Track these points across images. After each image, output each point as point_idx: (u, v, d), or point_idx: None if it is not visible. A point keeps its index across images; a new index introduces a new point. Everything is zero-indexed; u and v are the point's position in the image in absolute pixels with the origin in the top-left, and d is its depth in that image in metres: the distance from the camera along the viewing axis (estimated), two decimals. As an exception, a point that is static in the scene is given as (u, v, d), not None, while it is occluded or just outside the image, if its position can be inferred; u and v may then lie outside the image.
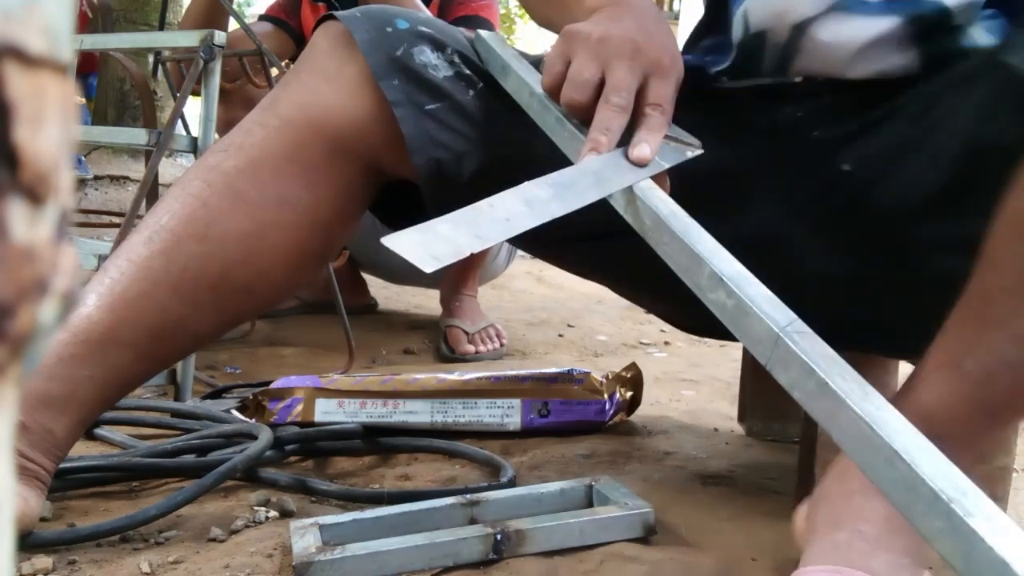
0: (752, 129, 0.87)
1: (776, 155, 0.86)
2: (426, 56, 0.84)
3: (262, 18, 1.97)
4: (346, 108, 0.82)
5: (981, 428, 0.63)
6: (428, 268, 0.54)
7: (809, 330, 0.51)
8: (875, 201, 0.80)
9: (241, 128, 0.84)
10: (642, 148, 0.68)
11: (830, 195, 0.83)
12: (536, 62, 0.85)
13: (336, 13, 0.86)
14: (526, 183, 0.62)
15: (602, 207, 0.67)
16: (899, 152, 0.78)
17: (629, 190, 0.65)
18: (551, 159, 0.81)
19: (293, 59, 1.99)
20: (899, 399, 0.64)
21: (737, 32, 0.86)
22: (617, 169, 0.66)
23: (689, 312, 0.96)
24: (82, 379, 0.76)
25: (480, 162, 0.84)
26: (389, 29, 0.84)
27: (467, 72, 0.85)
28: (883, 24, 0.78)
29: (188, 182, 0.83)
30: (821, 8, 0.79)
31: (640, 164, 0.67)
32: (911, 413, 0.64)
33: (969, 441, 0.63)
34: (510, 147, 0.83)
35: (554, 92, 0.74)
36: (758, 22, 0.83)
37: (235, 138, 0.84)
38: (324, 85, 0.83)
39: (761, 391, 1.17)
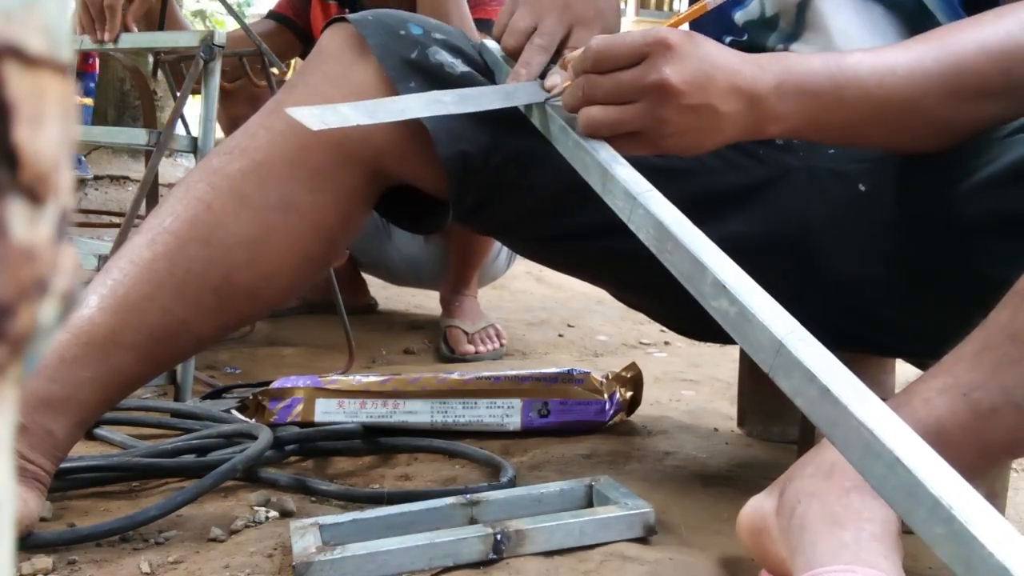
0: (770, 143, 0.89)
1: (791, 170, 0.87)
2: (441, 56, 0.85)
3: (269, 15, 1.96)
4: None
5: (971, 460, 0.63)
6: (314, 127, 0.64)
7: (811, 337, 0.52)
8: (887, 217, 0.81)
9: (246, 131, 0.84)
10: (552, 78, 0.77)
11: (845, 211, 0.84)
12: None
13: (347, 16, 0.86)
14: (435, 91, 0.73)
15: (604, 207, 0.68)
16: (914, 184, 0.79)
17: (632, 198, 0.65)
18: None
19: (303, 56, 1.97)
20: (896, 410, 0.65)
21: (753, 13, 0.91)
22: (528, 91, 0.78)
23: (686, 314, 0.97)
24: (83, 381, 0.75)
25: (505, 154, 0.85)
26: (402, 32, 0.85)
27: (477, 72, 0.85)
28: (874, 11, 0.86)
29: (192, 184, 0.82)
30: None
31: (550, 91, 0.77)
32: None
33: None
34: (534, 140, 0.84)
35: (497, 39, 0.84)
36: (773, 5, 0.89)
37: (239, 141, 0.84)
38: (331, 89, 0.83)
39: (759, 395, 1.17)
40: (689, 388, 1.47)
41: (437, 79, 0.83)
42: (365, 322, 1.88)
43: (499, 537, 0.74)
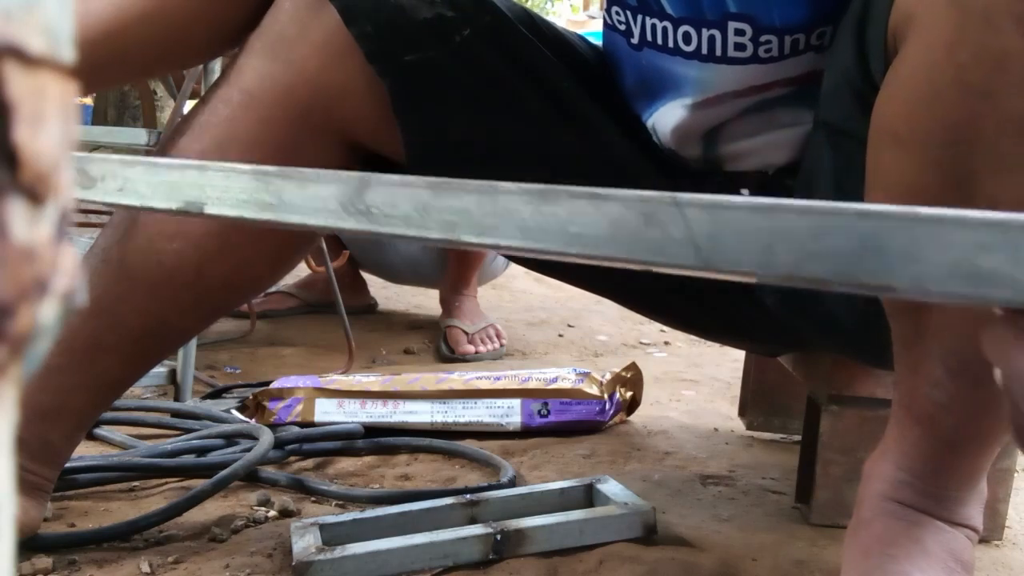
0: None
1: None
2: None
3: None
4: (314, 79, 0.74)
5: (951, 463, 0.64)
6: None
7: None
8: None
9: (206, 103, 0.77)
10: None
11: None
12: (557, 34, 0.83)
13: None
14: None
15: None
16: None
17: None
18: (540, 119, 0.78)
19: None
20: (886, 434, 0.67)
21: (654, 138, 0.83)
22: None
23: (679, 311, 0.95)
24: (72, 388, 0.74)
25: (466, 125, 0.77)
26: None
27: (450, 15, 0.75)
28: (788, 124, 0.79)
29: None
30: (718, 120, 0.78)
31: None
32: (891, 451, 0.65)
33: (947, 476, 0.64)
34: (497, 109, 0.77)
35: None
36: (666, 141, 0.82)
37: (200, 116, 0.76)
38: (289, 54, 0.74)
39: (763, 386, 1.17)
40: (689, 388, 1.47)
41: (395, 26, 0.73)
42: (365, 322, 1.88)
43: (499, 537, 0.74)
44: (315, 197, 0.29)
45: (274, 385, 1.15)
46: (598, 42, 0.90)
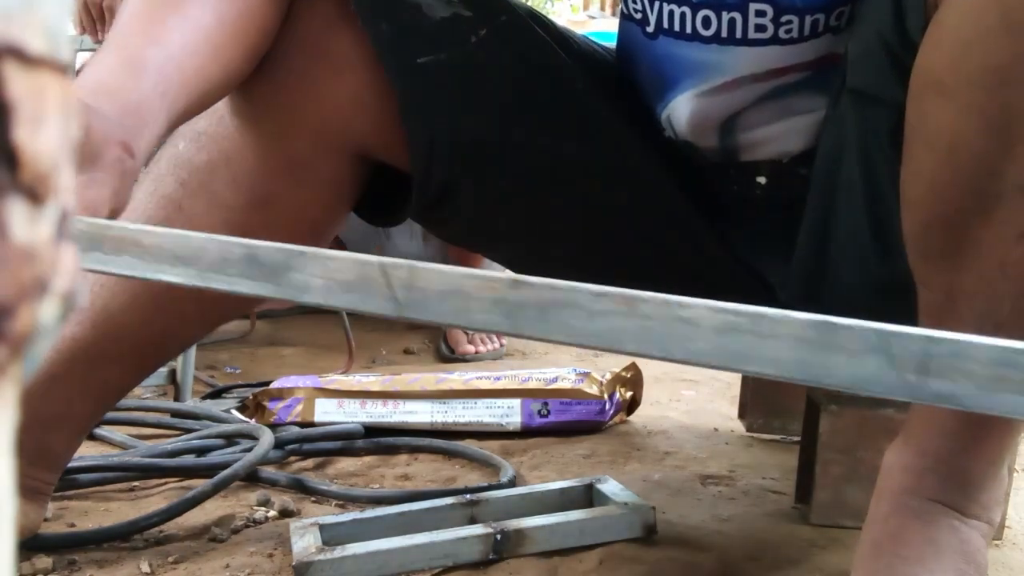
0: (715, 193, 0.84)
1: (740, 214, 0.84)
2: None
3: None
4: (331, 94, 0.72)
5: (978, 441, 0.63)
6: None
7: None
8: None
9: (216, 112, 0.74)
10: None
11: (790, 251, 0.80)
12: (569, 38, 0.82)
13: None
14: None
15: (586, 198, 0.64)
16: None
17: None
18: (553, 120, 0.76)
19: None
20: (908, 420, 0.66)
21: (668, 131, 0.81)
22: None
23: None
24: (74, 395, 0.73)
25: (476, 127, 0.76)
26: None
27: (467, 15, 0.73)
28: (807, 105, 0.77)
29: (161, 178, 0.75)
30: (734, 107, 0.77)
31: None
32: (913, 435, 0.64)
33: (972, 458, 0.63)
34: (508, 111, 0.76)
35: None
36: (682, 132, 0.80)
37: (207, 124, 0.75)
38: (306, 67, 0.72)
39: (762, 388, 1.17)
40: (689, 388, 1.47)
41: (409, 23, 0.71)
42: (365, 322, 1.88)
43: (499, 537, 0.74)
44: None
45: (274, 385, 1.15)
46: (604, 43, 0.89)
